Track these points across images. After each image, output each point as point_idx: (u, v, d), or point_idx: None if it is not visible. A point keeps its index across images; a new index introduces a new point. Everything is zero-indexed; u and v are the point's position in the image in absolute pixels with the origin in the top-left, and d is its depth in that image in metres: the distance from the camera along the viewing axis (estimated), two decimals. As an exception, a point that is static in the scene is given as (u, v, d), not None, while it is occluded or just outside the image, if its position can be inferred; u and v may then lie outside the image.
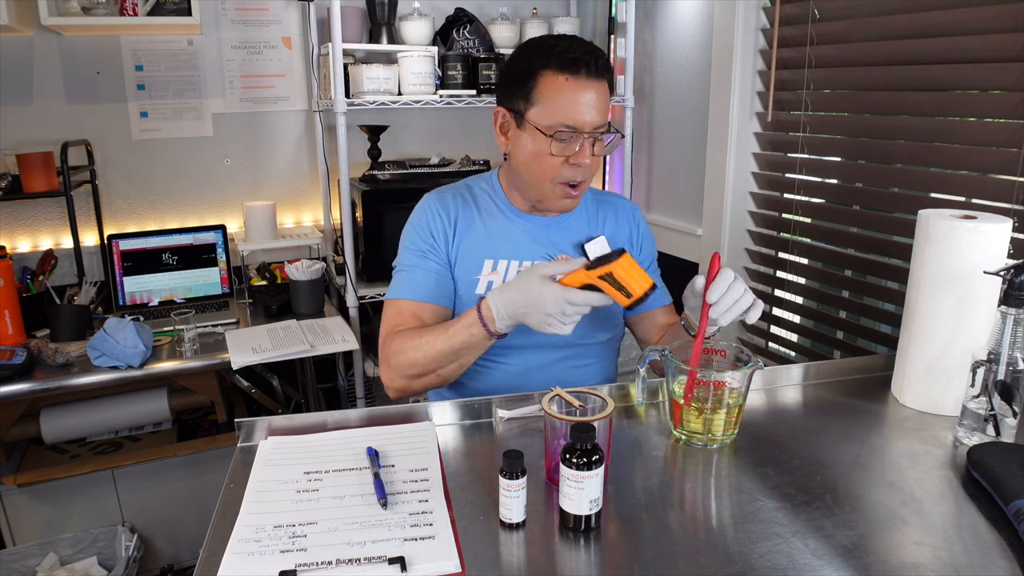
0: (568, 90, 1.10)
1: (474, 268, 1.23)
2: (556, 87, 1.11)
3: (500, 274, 1.22)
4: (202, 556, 0.75)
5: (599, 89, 1.12)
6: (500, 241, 1.24)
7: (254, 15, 2.22)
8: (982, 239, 1.00)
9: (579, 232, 1.28)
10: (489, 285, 1.22)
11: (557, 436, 0.86)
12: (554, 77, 1.11)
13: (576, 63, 1.10)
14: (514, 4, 2.40)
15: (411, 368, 1.13)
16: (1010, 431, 0.96)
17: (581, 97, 1.10)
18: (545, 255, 1.25)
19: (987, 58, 1.33)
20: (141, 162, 2.20)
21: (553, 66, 1.11)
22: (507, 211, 1.26)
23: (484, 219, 1.25)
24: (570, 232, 1.28)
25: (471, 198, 1.28)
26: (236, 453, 0.97)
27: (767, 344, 1.94)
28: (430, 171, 2.20)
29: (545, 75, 1.12)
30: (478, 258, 1.23)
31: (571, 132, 1.11)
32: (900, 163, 1.56)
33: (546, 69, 1.12)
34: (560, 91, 1.11)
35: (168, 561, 2.19)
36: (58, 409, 1.89)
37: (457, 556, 0.74)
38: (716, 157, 1.98)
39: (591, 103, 1.11)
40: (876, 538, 0.77)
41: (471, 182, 1.32)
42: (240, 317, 2.03)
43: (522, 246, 1.24)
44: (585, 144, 1.12)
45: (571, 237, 1.27)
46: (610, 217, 1.32)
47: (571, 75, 1.10)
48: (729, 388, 0.96)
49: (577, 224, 1.29)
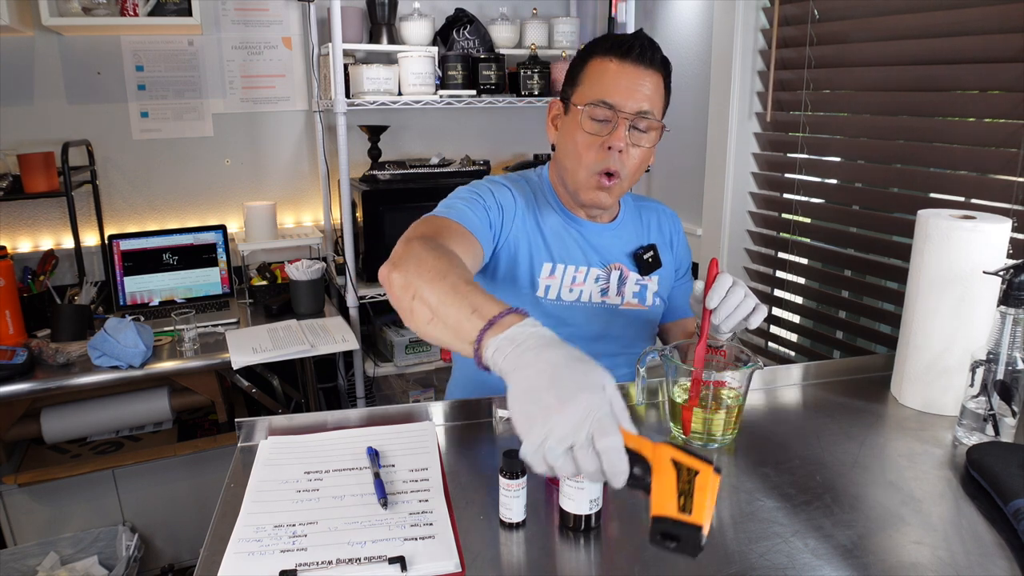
0: (612, 70, 1.11)
1: (536, 267, 1.19)
2: (602, 68, 1.12)
3: (558, 278, 1.20)
4: (202, 556, 0.75)
5: (647, 77, 1.11)
6: (558, 244, 1.21)
7: (254, 15, 2.22)
8: (982, 239, 1.00)
9: (629, 240, 1.27)
10: (547, 289, 1.19)
11: None
12: (602, 60, 1.12)
13: (623, 46, 1.10)
14: (514, 4, 2.40)
15: (406, 276, 0.84)
16: (1009, 431, 0.97)
17: (624, 77, 1.10)
18: (600, 262, 1.23)
19: (987, 58, 1.33)
20: (141, 162, 2.20)
21: (602, 51, 1.12)
22: (561, 213, 1.23)
23: (543, 217, 1.22)
24: (622, 241, 1.26)
25: (530, 192, 1.24)
26: (236, 453, 0.97)
27: (767, 344, 1.94)
28: (430, 171, 2.21)
29: (595, 59, 1.13)
30: (538, 257, 1.19)
31: (609, 111, 1.10)
32: (900, 163, 1.56)
33: (596, 54, 1.13)
34: (605, 71, 1.11)
35: (168, 561, 2.19)
36: (59, 409, 1.89)
37: (457, 556, 0.74)
38: (716, 157, 1.98)
39: (635, 86, 1.10)
40: (876, 538, 0.77)
41: (527, 174, 1.29)
42: (240, 317, 2.03)
43: (579, 252, 1.22)
44: (621, 125, 1.10)
45: (623, 246, 1.26)
46: (654, 223, 1.31)
47: (618, 58, 1.11)
48: (729, 388, 0.97)
49: (626, 232, 1.27)
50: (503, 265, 1.19)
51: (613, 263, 1.24)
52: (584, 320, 1.22)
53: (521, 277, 1.19)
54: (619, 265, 1.25)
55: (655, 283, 1.27)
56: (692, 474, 0.60)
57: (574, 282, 1.21)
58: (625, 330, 1.25)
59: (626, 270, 1.25)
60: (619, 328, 1.24)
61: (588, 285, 1.22)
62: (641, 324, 1.27)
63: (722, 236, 1.98)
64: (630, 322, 1.25)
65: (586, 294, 1.22)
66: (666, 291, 1.30)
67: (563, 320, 1.20)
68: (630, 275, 1.25)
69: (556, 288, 1.20)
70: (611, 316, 1.24)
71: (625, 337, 1.25)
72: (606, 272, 1.24)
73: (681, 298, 1.34)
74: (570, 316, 1.21)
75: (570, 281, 1.21)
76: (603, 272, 1.24)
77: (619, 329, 1.25)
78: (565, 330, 1.18)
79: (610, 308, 1.24)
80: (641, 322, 1.27)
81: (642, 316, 1.27)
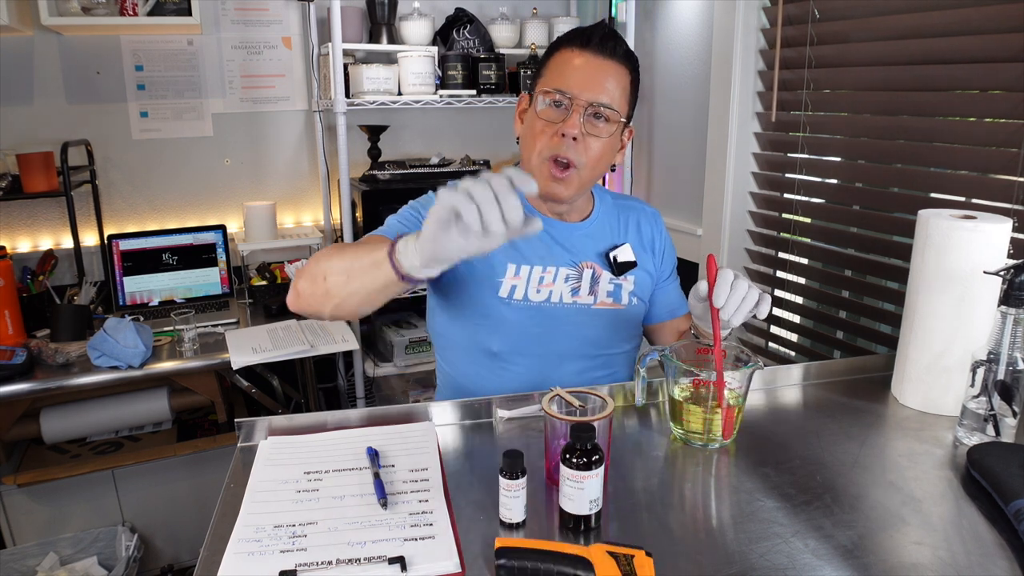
0: (572, 60, 1.12)
1: (497, 271, 1.18)
2: (565, 58, 1.13)
3: (524, 279, 1.18)
4: (202, 556, 0.75)
5: (609, 69, 1.11)
6: (523, 244, 1.19)
7: (254, 15, 2.22)
8: (982, 239, 1.00)
9: (603, 240, 1.24)
10: (512, 290, 1.17)
11: (557, 436, 0.86)
12: (565, 51, 1.13)
13: (584, 36, 1.12)
14: (514, 4, 2.40)
15: (315, 269, 0.99)
16: (1010, 431, 0.96)
17: (583, 66, 1.11)
18: (570, 262, 1.21)
19: (987, 58, 1.33)
20: (141, 162, 2.20)
21: (566, 42, 1.14)
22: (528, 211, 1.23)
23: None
24: (593, 240, 1.24)
25: None
26: (236, 453, 0.97)
27: (767, 344, 1.94)
28: (430, 171, 2.20)
29: (559, 51, 1.14)
30: (501, 261, 1.17)
31: (561, 95, 1.10)
32: (900, 163, 1.56)
33: (561, 46, 1.15)
34: (565, 60, 1.13)
35: (168, 561, 2.19)
36: (58, 409, 1.89)
37: (457, 556, 0.74)
38: (716, 157, 1.98)
39: (593, 76, 1.10)
40: (876, 538, 0.77)
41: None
42: (240, 317, 2.03)
43: (546, 252, 1.20)
44: (575, 112, 1.09)
45: (596, 245, 1.23)
46: (632, 222, 1.29)
47: (579, 48, 1.12)
48: (729, 388, 0.97)
49: (599, 231, 1.25)
50: (460, 271, 1.17)
51: (585, 262, 1.22)
52: (555, 320, 1.19)
53: (481, 281, 1.17)
54: (591, 264, 1.22)
55: (631, 283, 1.24)
56: (629, 559, 0.70)
57: (542, 282, 1.18)
58: (601, 331, 1.22)
59: (599, 269, 1.22)
60: (594, 329, 1.21)
61: (558, 285, 1.19)
62: (619, 324, 1.23)
63: (722, 236, 1.98)
64: (606, 322, 1.22)
65: (556, 294, 1.19)
66: (645, 291, 1.27)
67: (533, 321, 1.17)
68: (603, 274, 1.22)
69: (523, 289, 1.18)
70: (584, 316, 1.20)
71: (602, 338, 1.22)
72: (577, 271, 1.21)
73: (668, 298, 1.31)
74: (539, 317, 1.18)
75: (537, 281, 1.18)
76: (574, 271, 1.20)
77: (594, 330, 1.21)
78: (533, 330, 1.18)
79: (582, 308, 1.20)
80: (619, 322, 1.23)
81: (619, 316, 1.23)
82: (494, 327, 1.18)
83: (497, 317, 1.17)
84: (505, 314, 1.17)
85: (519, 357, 1.19)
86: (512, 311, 1.17)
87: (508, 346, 1.19)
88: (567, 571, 0.69)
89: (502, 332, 1.18)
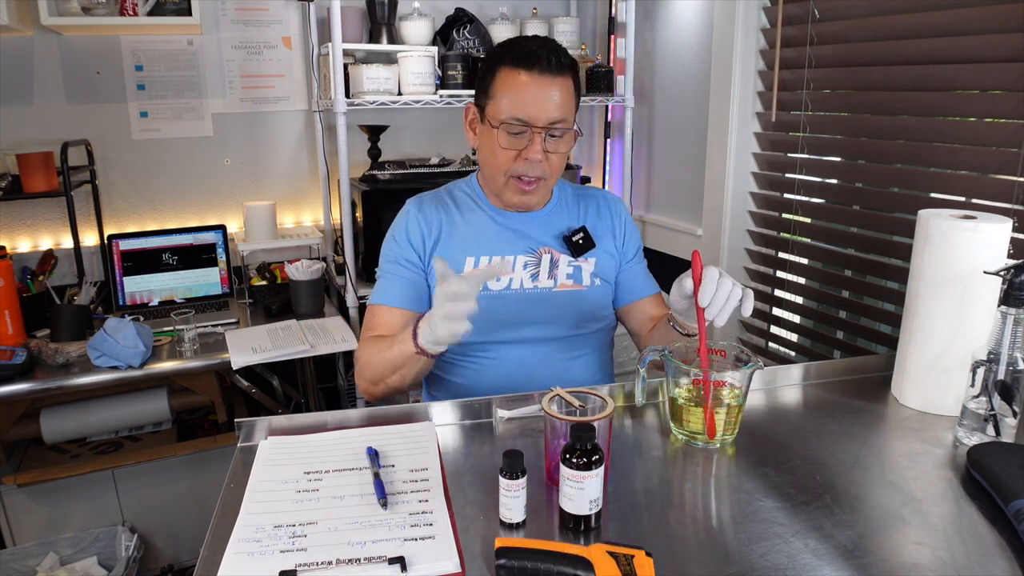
0: (521, 84, 1.13)
1: (456, 266, 1.23)
2: (510, 81, 1.14)
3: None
4: (202, 556, 0.75)
5: (556, 85, 1.13)
6: (482, 238, 1.25)
7: (254, 15, 2.22)
8: (982, 239, 1.00)
9: (560, 226, 1.29)
10: None
11: (557, 436, 0.86)
12: (509, 71, 1.14)
13: (529, 57, 1.12)
14: (514, 4, 2.40)
15: (369, 374, 1.17)
16: (1010, 431, 0.96)
17: (533, 91, 1.12)
18: (527, 248, 1.26)
19: (987, 58, 1.33)
20: (141, 162, 2.20)
21: (508, 61, 1.14)
22: (487, 209, 1.28)
23: (465, 219, 1.27)
24: (550, 226, 1.29)
25: (451, 201, 1.30)
26: (236, 453, 0.97)
27: (767, 344, 1.94)
28: (430, 171, 2.20)
29: (502, 70, 1.15)
30: (458, 256, 1.24)
31: (521, 125, 1.13)
32: (900, 163, 1.56)
33: (503, 64, 1.15)
34: (514, 85, 1.13)
35: (168, 561, 2.19)
36: (58, 409, 1.89)
37: (457, 556, 0.74)
38: (716, 157, 1.98)
39: (544, 98, 1.12)
40: (876, 538, 0.77)
41: (452, 186, 1.34)
42: (240, 317, 2.03)
43: (503, 242, 1.26)
44: (536, 139, 1.14)
45: (551, 230, 1.28)
46: (591, 209, 1.33)
47: (525, 69, 1.13)
48: (729, 388, 0.97)
49: (556, 218, 1.30)
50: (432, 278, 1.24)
51: (543, 247, 1.26)
52: (516, 308, 1.23)
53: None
54: (549, 249, 1.27)
55: (592, 264, 1.28)
56: (629, 559, 0.71)
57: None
58: (564, 312, 1.25)
59: (556, 253, 1.27)
60: (556, 311, 1.25)
61: (516, 272, 1.24)
62: (582, 305, 1.27)
63: (722, 236, 1.98)
64: (569, 304, 1.26)
65: (515, 281, 1.24)
66: (609, 272, 1.30)
67: (493, 310, 1.21)
68: (561, 257, 1.27)
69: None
70: (545, 300, 1.25)
71: (566, 319, 1.25)
72: (535, 257, 1.26)
73: (634, 281, 1.33)
74: (500, 305, 1.22)
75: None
76: (532, 258, 1.26)
77: (556, 312, 1.25)
78: (496, 318, 1.22)
79: (543, 292, 1.25)
80: (582, 303, 1.27)
81: (582, 296, 1.27)
82: None
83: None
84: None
85: (489, 346, 1.23)
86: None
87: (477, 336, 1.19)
88: (567, 571, 0.69)
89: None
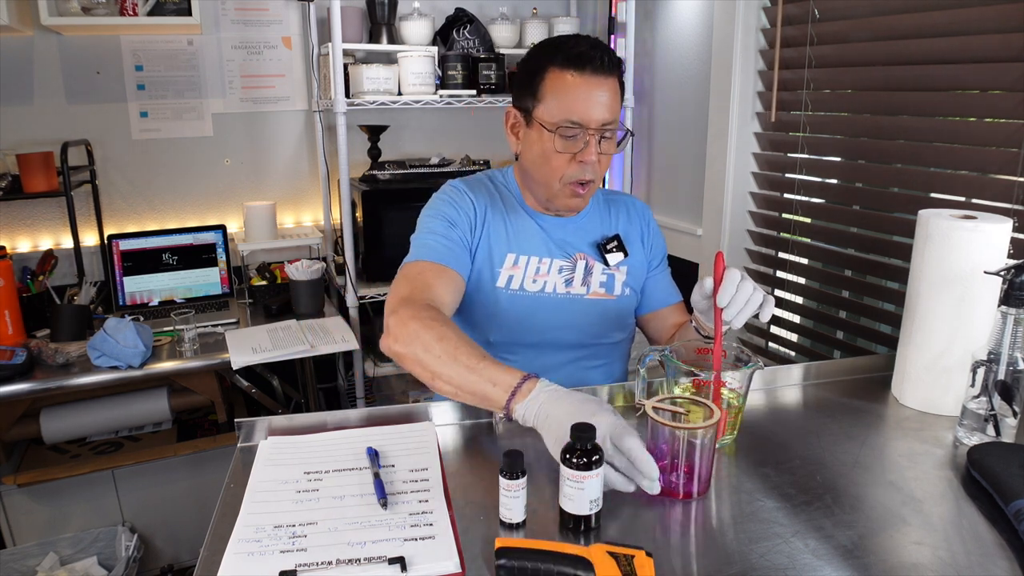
0: (573, 86, 1.11)
1: (497, 260, 1.22)
2: (562, 83, 1.12)
3: (521, 269, 1.23)
4: (202, 556, 0.75)
5: (606, 86, 1.12)
6: (521, 237, 1.24)
7: (254, 15, 2.22)
8: (982, 239, 1.00)
9: (594, 232, 1.29)
10: (510, 279, 1.22)
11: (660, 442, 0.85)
12: (560, 73, 1.12)
13: (581, 59, 1.10)
14: (514, 4, 2.39)
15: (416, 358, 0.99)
16: (1010, 431, 0.96)
17: (586, 93, 1.11)
18: (563, 255, 1.26)
19: (987, 58, 1.33)
20: (141, 162, 2.20)
21: (559, 62, 1.12)
22: (523, 208, 1.27)
23: (507, 213, 1.26)
24: (585, 232, 1.29)
25: (495, 190, 1.28)
26: (236, 453, 0.97)
27: (767, 344, 1.94)
28: (430, 171, 2.20)
29: (552, 72, 1.13)
30: (501, 251, 1.23)
31: (577, 128, 1.12)
32: (900, 163, 1.56)
33: (552, 66, 1.13)
34: (566, 87, 1.11)
35: (168, 561, 2.19)
36: (58, 409, 1.89)
37: (457, 556, 0.74)
38: (716, 157, 1.98)
39: (597, 99, 1.11)
40: (876, 538, 0.77)
41: (491, 175, 1.32)
42: (240, 317, 2.03)
43: (541, 244, 1.25)
44: (591, 141, 1.12)
45: (587, 237, 1.28)
46: (623, 215, 1.33)
47: (576, 71, 1.11)
48: (729, 388, 0.96)
49: (591, 224, 1.30)
50: (475, 264, 1.22)
51: (579, 253, 1.26)
52: (549, 311, 1.23)
53: (481, 270, 1.22)
54: (584, 255, 1.27)
55: (623, 273, 1.28)
56: (629, 559, 0.70)
57: (538, 273, 1.23)
58: (594, 320, 1.25)
59: (591, 260, 1.27)
60: (587, 318, 1.25)
61: (552, 276, 1.24)
62: (610, 314, 1.27)
63: (722, 236, 1.98)
64: (599, 312, 1.26)
65: (550, 285, 1.24)
66: (637, 281, 1.30)
67: (528, 311, 1.21)
68: (596, 265, 1.27)
69: (520, 278, 1.22)
70: (577, 306, 1.24)
71: (594, 327, 1.26)
72: (571, 263, 1.26)
73: (658, 288, 1.34)
74: (535, 307, 1.22)
75: (534, 272, 1.23)
76: (567, 263, 1.25)
77: (586, 319, 1.25)
78: (526, 321, 1.21)
79: (575, 298, 1.25)
80: (610, 312, 1.27)
81: (611, 306, 1.27)
82: (491, 317, 1.22)
83: (494, 307, 1.21)
84: (502, 303, 1.21)
85: (515, 347, 1.23)
86: (508, 301, 1.21)
87: (504, 336, 1.22)
88: (567, 571, 0.69)
89: (498, 322, 1.22)
